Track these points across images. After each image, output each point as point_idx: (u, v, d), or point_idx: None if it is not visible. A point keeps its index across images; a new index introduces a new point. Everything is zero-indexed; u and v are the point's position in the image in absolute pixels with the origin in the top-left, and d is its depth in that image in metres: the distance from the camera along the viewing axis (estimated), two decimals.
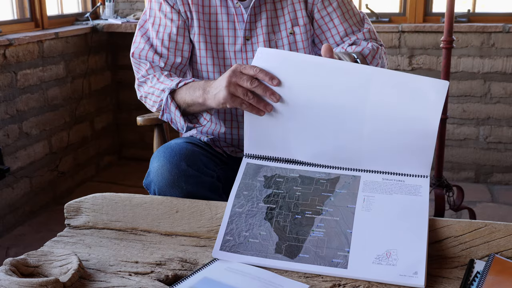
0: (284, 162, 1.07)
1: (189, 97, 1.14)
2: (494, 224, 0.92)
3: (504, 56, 2.78)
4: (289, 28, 1.28)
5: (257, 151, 1.09)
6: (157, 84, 1.24)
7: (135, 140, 3.39)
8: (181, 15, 1.27)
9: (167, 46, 1.28)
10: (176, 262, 0.94)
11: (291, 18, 1.28)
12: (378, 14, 2.96)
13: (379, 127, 1.01)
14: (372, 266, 0.89)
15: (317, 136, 1.05)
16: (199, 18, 1.26)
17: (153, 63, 1.28)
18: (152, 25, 1.29)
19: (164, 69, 1.28)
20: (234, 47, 1.28)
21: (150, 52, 1.28)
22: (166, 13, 1.27)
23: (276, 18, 1.28)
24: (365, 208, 0.97)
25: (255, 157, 1.09)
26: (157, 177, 1.12)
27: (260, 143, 1.08)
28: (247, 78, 1.01)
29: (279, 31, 1.28)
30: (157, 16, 1.29)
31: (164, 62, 1.28)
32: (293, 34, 1.28)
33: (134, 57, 1.30)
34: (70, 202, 1.11)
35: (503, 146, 2.90)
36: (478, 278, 0.84)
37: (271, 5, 1.28)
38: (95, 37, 3.08)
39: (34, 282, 0.81)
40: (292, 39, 1.29)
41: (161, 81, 1.23)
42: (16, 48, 2.45)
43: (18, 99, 2.49)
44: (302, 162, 1.06)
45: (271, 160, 1.08)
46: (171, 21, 1.27)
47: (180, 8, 1.26)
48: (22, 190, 2.54)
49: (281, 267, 0.93)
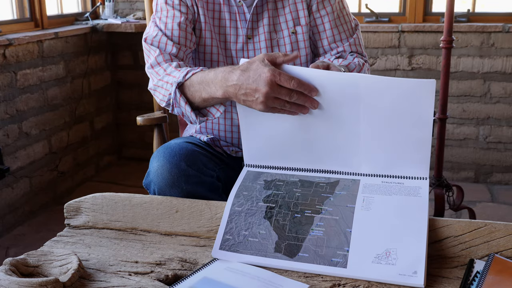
0: (284, 170, 1.08)
1: (205, 93, 1.06)
2: (494, 224, 0.92)
3: (504, 56, 2.78)
4: (291, 28, 1.28)
5: (257, 162, 1.10)
6: (165, 77, 1.18)
7: (135, 140, 3.38)
8: (189, 8, 1.27)
9: (177, 35, 1.23)
10: (176, 262, 0.94)
11: (293, 17, 1.29)
12: (378, 14, 2.96)
13: (375, 131, 1.01)
14: (372, 265, 0.89)
15: (315, 143, 1.06)
16: (205, 14, 1.27)
17: (164, 50, 1.21)
18: (159, 19, 1.27)
19: (174, 55, 1.21)
20: (235, 46, 1.28)
21: (164, 38, 1.23)
22: (174, 5, 1.26)
23: (277, 17, 1.29)
24: (365, 208, 0.97)
25: (256, 166, 1.10)
26: (157, 177, 1.12)
27: (259, 154, 1.09)
28: (285, 92, 0.96)
29: (280, 30, 1.29)
30: (163, 9, 1.27)
31: (177, 48, 1.22)
32: (295, 33, 1.29)
33: (146, 42, 1.25)
34: (70, 202, 1.11)
35: (502, 146, 2.90)
36: (478, 278, 0.84)
37: (273, 5, 1.28)
38: (95, 37, 3.08)
39: (34, 282, 0.81)
40: (294, 38, 1.29)
41: (169, 73, 1.17)
42: (16, 48, 2.44)
43: (18, 99, 2.49)
44: (302, 169, 1.07)
45: (271, 168, 1.09)
46: (180, 12, 1.25)
47: (188, 1, 1.26)
48: (22, 190, 2.54)
49: (281, 266, 0.93)
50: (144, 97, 3.24)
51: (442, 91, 2.10)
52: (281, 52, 1.19)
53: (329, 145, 1.05)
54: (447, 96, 2.12)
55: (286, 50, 1.29)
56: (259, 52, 1.29)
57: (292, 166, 1.08)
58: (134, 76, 3.27)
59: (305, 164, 1.07)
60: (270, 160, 1.09)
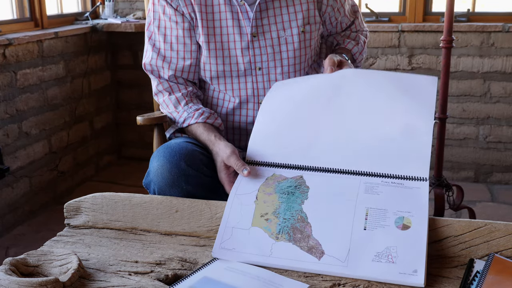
0: (284, 168, 1.08)
1: (201, 139, 1.23)
2: (493, 224, 0.92)
3: (504, 55, 2.77)
4: (301, 26, 1.28)
5: (257, 158, 1.10)
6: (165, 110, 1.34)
7: (135, 139, 3.38)
8: (185, 17, 1.27)
9: (176, 49, 1.29)
10: (176, 262, 0.94)
11: (303, 16, 1.29)
12: (378, 14, 2.95)
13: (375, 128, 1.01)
14: (372, 264, 0.89)
15: (315, 140, 1.07)
16: (202, 18, 1.26)
17: (161, 77, 1.31)
18: (158, 28, 1.29)
19: (172, 79, 1.31)
20: (240, 44, 1.27)
21: (159, 61, 1.30)
22: (170, 16, 1.27)
23: (287, 15, 1.28)
24: (365, 207, 0.97)
25: (255, 164, 1.10)
26: (156, 176, 1.12)
27: (261, 151, 1.10)
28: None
29: (289, 28, 1.28)
30: (161, 19, 1.29)
31: (173, 69, 1.29)
32: (304, 32, 1.29)
33: (146, 68, 1.33)
34: (69, 201, 1.11)
35: (502, 145, 2.90)
36: (478, 278, 0.84)
37: (278, 3, 1.28)
38: (95, 36, 3.08)
39: (34, 281, 0.81)
40: (303, 37, 1.29)
41: (170, 111, 1.31)
42: (16, 48, 2.44)
43: (18, 99, 2.48)
44: (301, 167, 1.07)
45: (270, 166, 1.09)
46: (176, 24, 1.27)
47: (184, 9, 1.26)
48: (22, 190, 2.54)
49: (281, 266, 0.93)
50: (144, 96, 3.24)
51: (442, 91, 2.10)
52: (289, 49, 1.28)
53: (329, 143, 1.05)
54: (447, 96, 2.11)
55: (294, 48, 1.29)
56: (265, 50, 1.28)
57: (291, 164, 1.08)
58: (134, 75, 3.26)
59: (304, 162, 1.07)
60: (271, 156, 1.09)
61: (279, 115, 1.16)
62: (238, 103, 1.32)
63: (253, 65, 1.28)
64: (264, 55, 1.28)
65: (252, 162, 1.10)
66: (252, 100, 1.31)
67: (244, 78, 1.30)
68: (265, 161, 1.09)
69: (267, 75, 1.30)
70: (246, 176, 1.05)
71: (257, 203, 1.01)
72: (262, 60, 1.28)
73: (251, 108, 1.32)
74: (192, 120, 1.24)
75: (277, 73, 1.29)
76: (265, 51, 1.28)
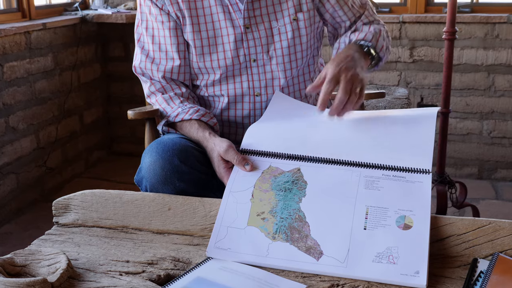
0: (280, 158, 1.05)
1: (194, 136, 1.21)
2: (498, 222, 0.91)
3: (509, 47, 2.75)
4: (292, 14, 1.27)
5: (252, 147, 1.09)
6: (159, 107, 1.31)
7: (126, 134, 3.36)
8: (171, 16, 1.26)
9: (164, 50, 1.29)
10: (169, 261, 0.93)
11: (294, 4, 1.27)
12: (378, 4, 2.93)
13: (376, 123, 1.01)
14: (372, 264, 0.88)
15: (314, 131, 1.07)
16: (191, 15, 1.25)
17: (152, 79, 1.30)
18: (146, 29, 1.30)
19: (164, 81, 1.29)
20: (234, 37, 1.26)
21: (148, 63, 1.30)
22: (156, 15, 1.27)
23: (279, 5, 1.27)
24: (365, 205, 0.95)
25: (250, 153, 1.08)
26: (148, 173, 1.11)
27: (257, 140, 1.09)
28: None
29: (282, 17, 1.27)
30: (149, 20, 1.29)
31: (162, 70, 1.29)
32: (296, 20, 1.27)
33: (136, 71, 1.33)
34: (58, 199, 1.10)
35: (507, 141, 2.87)
36: (482, 278, 0.83)
37: None
38: (84, 28, 3.04)
39: (21, 282, 0.81)
40: (296, 25, 1.28)
41: (163, 108, 1.29)
42: (2, 40, 2.40)
43: (5, 92, 2.45)
44: (299, 157, 1.04)
45: (266, 155, 1.06)
46: (162, 23, 1.27)
47: (169, 8, 1.25)
48: (9, 187, 2.51)
49: (277, 266, 0.91)
50: (135, 90, 3.20)
51: (445, 84, 2.07)
52: (282, 39, 1.26)
53: (328, 133, 1.05)
54: (449, 90, 2.09)
55: (288, 38, 1.27)
56: (259, 41, 1.27)
57: (290, 153, 1.05)
58: (125, 68, 3.22)
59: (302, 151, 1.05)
60: (267, 145, 1.08)
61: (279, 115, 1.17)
62: (233, 96, 1.30)
63: (247, 57, 1.27)
64: (258, 47, 1.27)
65: (247, 151, 1.08)
66: (248, 93, 1.30)
67: (239, 71, 1.28)
68: (261, 149, 1.07)
69: (262, 66, 1.29)
70: (248, 171, 1.04)
71: (253, 201, 0.99)
72: (256, 52, 1.27)
73: (247, 101, 1.30)
74: (186, 115, 1.22)
75: (272, 64, 1.28)
76: (259, 42, 1.27)
